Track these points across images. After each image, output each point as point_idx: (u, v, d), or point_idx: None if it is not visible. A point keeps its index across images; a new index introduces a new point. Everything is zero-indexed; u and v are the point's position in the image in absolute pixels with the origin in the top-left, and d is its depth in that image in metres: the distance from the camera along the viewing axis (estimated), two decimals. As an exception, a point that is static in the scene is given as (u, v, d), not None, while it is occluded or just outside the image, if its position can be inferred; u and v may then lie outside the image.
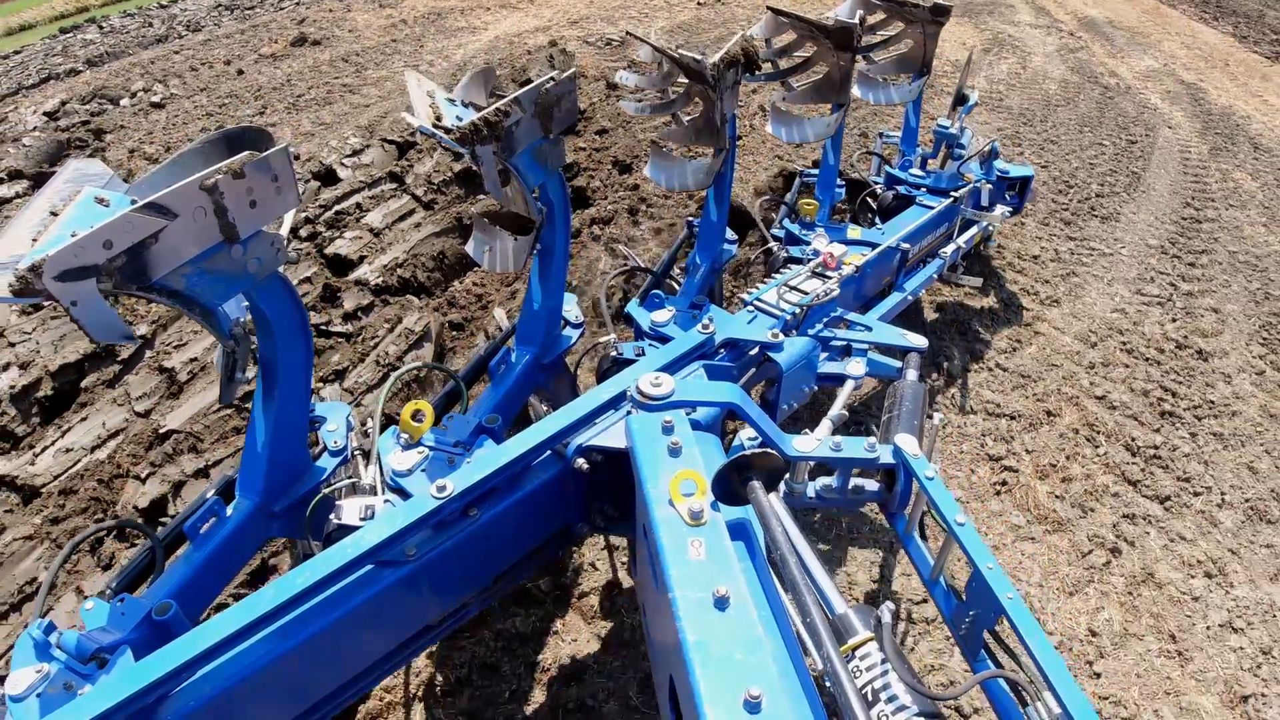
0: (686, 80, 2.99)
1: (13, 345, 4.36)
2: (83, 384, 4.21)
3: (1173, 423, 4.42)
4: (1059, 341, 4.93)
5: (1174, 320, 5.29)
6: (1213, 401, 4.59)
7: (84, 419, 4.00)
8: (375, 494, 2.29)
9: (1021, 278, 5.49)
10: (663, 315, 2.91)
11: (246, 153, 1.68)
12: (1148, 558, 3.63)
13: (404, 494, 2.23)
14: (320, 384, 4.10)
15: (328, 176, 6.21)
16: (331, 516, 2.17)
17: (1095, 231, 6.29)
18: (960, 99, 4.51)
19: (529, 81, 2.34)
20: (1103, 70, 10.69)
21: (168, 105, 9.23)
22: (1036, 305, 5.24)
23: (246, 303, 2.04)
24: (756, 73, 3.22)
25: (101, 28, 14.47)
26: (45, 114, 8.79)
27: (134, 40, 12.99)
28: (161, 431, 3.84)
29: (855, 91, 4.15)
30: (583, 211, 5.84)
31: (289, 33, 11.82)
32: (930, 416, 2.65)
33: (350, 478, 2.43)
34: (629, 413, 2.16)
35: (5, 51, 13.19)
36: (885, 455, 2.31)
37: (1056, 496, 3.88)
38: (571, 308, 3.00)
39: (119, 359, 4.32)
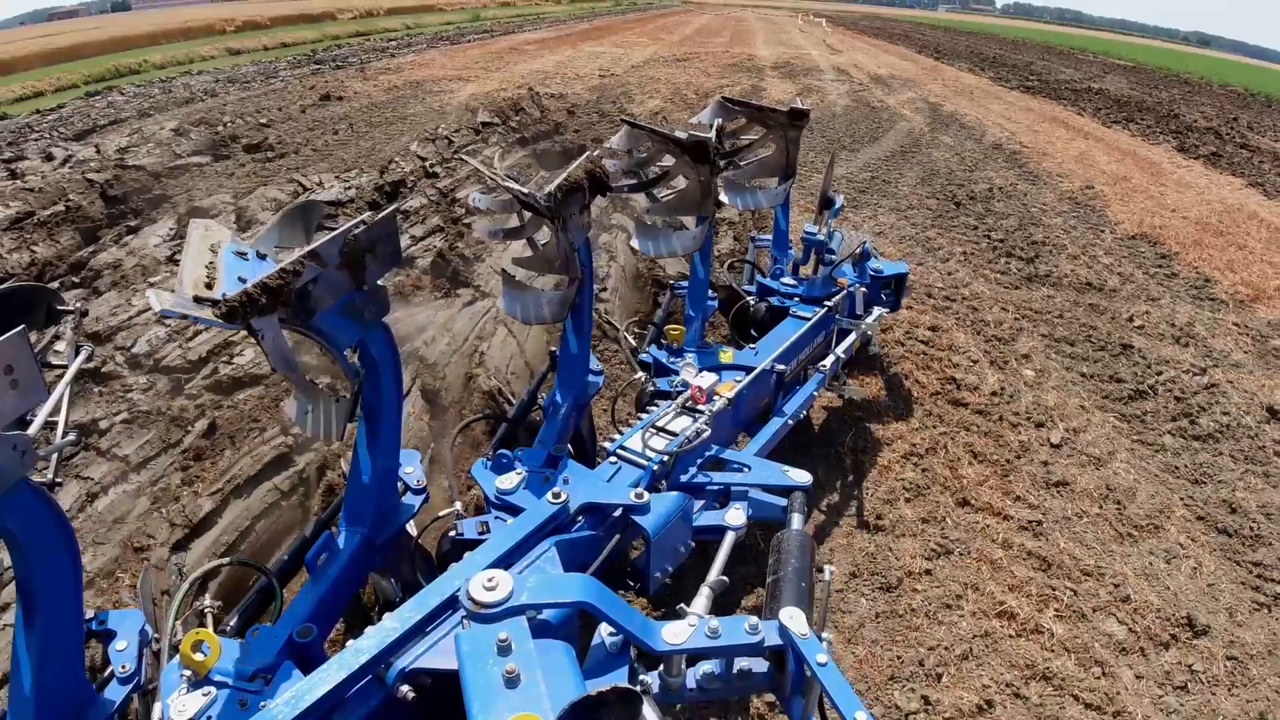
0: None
1: None
2: None
3: (863, 198, 9.43)
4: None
5: (875, 176, 10.56)
6: (889, 194, 9.69)
7: None
8: None
9: (801, 170, 9.06)
10: (510, 480, 2.47)
11: None
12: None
13: None
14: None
15: (446, 141, 10.15)
16: None
17: (845, 156, 11.67)
18: (826, 203, 4.40)
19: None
20: (875, 100, 17.35)
21: (273, 126, 11.19)
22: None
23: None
24: (610, 191, 3.01)
25: (122, 93, 16.79)
26: (171, 130, 10.40)
27: (167, 101, 14.96)
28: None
29: (722, 198, 4.00)
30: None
31: (313, 92, 14.75)
32: (820, 570, 2.37)
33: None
34: (461, 623, 1.79)
35: (49, 106, 15.30)
36: (771, 636, 2.00)
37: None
38: (413, 469, 2.59)
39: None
